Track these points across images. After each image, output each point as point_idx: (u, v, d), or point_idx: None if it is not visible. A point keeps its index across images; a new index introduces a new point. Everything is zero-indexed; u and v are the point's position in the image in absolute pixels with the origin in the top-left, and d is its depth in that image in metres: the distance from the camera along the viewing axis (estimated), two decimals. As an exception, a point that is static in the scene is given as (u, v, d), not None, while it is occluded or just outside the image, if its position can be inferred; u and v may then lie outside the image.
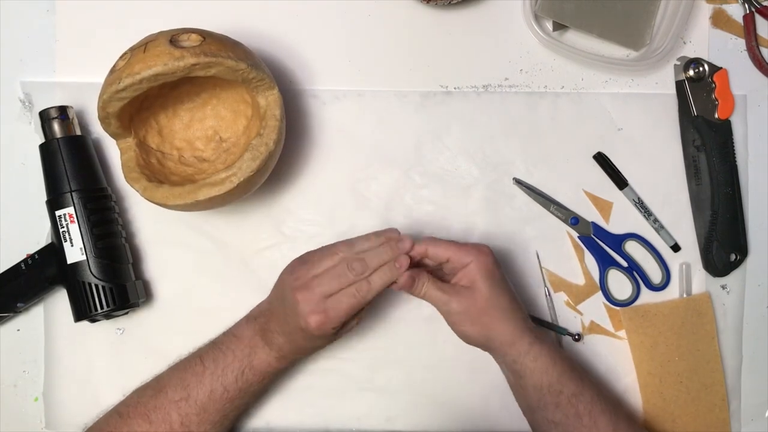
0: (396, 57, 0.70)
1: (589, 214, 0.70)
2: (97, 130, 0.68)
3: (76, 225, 0.63)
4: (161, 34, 0.58)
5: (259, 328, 0.61)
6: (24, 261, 0.65)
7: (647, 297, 0.70)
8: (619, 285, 0.70)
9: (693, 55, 0.71)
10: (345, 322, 0.57)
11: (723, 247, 0.70)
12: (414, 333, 0.69)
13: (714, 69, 0.70)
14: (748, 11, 0.71)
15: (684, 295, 0.70)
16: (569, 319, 0.70)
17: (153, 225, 0.68)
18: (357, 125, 0.70)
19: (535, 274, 0.70)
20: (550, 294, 0.69)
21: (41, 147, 0.65)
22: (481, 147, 0.70)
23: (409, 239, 0.58)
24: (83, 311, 0.63)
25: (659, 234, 0.70)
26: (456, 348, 0.68)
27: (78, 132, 0.65)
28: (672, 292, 0.70)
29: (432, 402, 0.68)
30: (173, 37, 0.57)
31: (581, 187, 0.70)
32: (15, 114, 0.68)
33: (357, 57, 0.70)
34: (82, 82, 0.68)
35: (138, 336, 0.68)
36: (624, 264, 0.70)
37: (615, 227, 0.70)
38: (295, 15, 0.70)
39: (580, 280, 0.70)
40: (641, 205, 0.70)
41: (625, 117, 0.71)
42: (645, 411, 0.69)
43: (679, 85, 0.71)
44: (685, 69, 0.70)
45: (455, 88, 0.70)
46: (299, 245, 0.69)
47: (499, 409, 0.68)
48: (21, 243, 0.67)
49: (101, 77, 0.60)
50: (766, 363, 0.71)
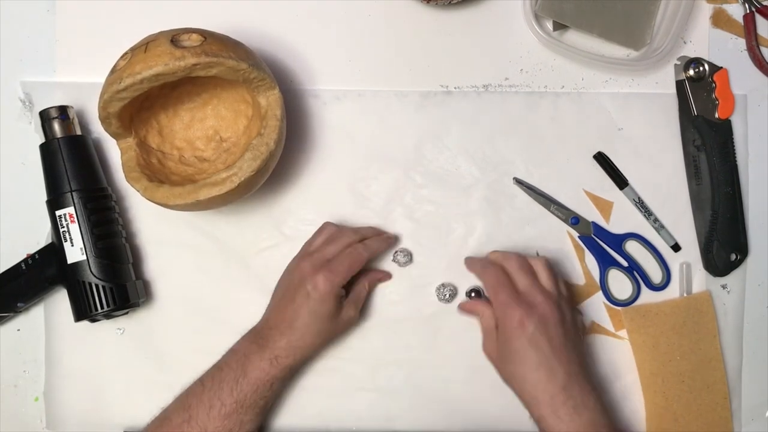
0: (396, 57, 0.70)
1: (590, 213, 0.70)
2: (98, 129, 0.68)
3: (76, 225, 0.63)
4: (162, 34, 0.58)
5: (255, 336, 0.62)
6: (24, 261, 0.65)
7: (648, 297, 0.70)
8: (620, 285, 0.70)
9: (693, 55, 0.71)
10: (351, 287, 0.62)
11: (723, 247, 0.70)
12: (414, 333, 0.69)
13: (714, 69, 0.70)
14: (748, 11, 0.71)
15: (684, 295, 0.70)
16: (570, 319, 0.70)
17: (153, 225, 0.68)
18: (357, 125, 0.70)
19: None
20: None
21: (41, 147, 0.65)
22: (482, 147, 0.70)
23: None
24: (83, 311, 0.63)
25: (659, 234, 0.70)
26: (456, 348, 0.68)
27: (78, 132, 0.65)
28: (672, 291, 0.70)
29: (432, 402, 0.68)
30: (174, 37, 0.57)
31: (581, 187, 0.70)
32: (15, 114, 0.69)
33: (357, 57, 0.70)
34: (82, 82, 0.68)
35: (138, 336, 0.68)
36: (624, 264, 0.70)
37: (615, 227, 0.70)
38: (296, 15, 0.70)
39: (580, 280, 0.70)
40: (641, 205, 0.70)
41: (626, 117, 0.71)
42: (647, 411, 0.69)
43: (680, 85, 0.71)
44: (686, 69, 0.70)
45: (455, 87, 0.70)
46: (299, 245, 0.68)
47: (499, 409, 0.68)
48: (21, 243, 0.67)
49: (101, 77, 0.60)
50: (766, 363, 0.71)
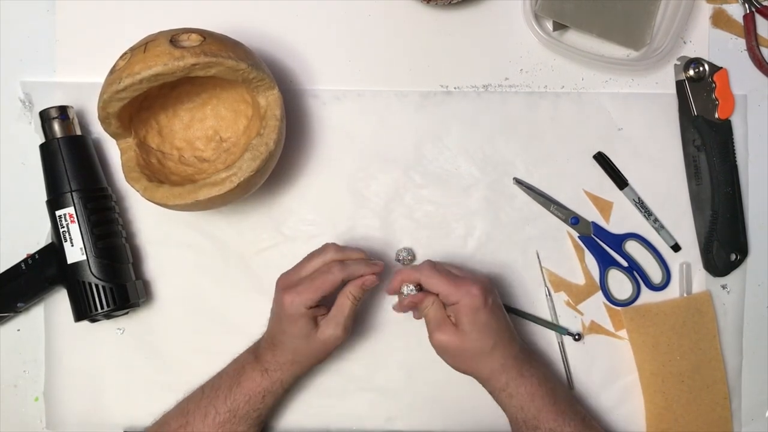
0: (396, 57, 0.70)
1: (590, 213, 0.70)
2: (98, 130, 0.68)
3: (76, 225, 0.63)
4: (161, 34, 0.58)
5: (254, 347, 0.64)
6: (24, 261, 0.65)
7: (647, 297, 0.70)
8: (620, 285, 0.70)
9: (693, 55, 0.71)
10: (319, 304, 0.59)
11: (723, 247, 0.70)
12: (414, 333, 0.69)
13: (714, 69, 0.70)
14: (748, 11, 0.71)
15: (684, 295, 0.70)
16: (570, 319, 0.70)
17: (153, 225, 0.69)
18: (357, 125, 0.70)
19: (536, 274, 0.70)
20: (550, 294, 0.69)
21: (41, 147, 0.65)
22: (481, 147, 0.70)
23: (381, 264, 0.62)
24: (83, 311, 0.63)
25: (659, 234, 0.70)
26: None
27: (78, 132, 0.65)
28: (672, 291, 0.70)
29: (432, 402, 0.68)
30: (173, 37, 0.57)
31: (581, 187, 0.70)
32: (15, 114, 0.69)
33: (357, 57, 0.70)
34: (82, 82, 0.68)
35: (138, 336, 0.68)
36: (624, 264, 0.70)
37: (615, 227, 0.70)
38: (296, 15, 0.70)
39: (580, 279, 0.70)
40: (641, 205, 0.70)
41: (626, 117, 0.71)
42: (647, 410, 0.69)
43: (680, 85, 0.71)
44: (686, 69, 0.70)
45: (455, 88, 0.70)
46: (299, 245, 0.69)
47: (499, 409, 0.68)
48: (21, 243, 0.67)
49: (101, 77, 0.60)
50: (766, 363, 0.71)
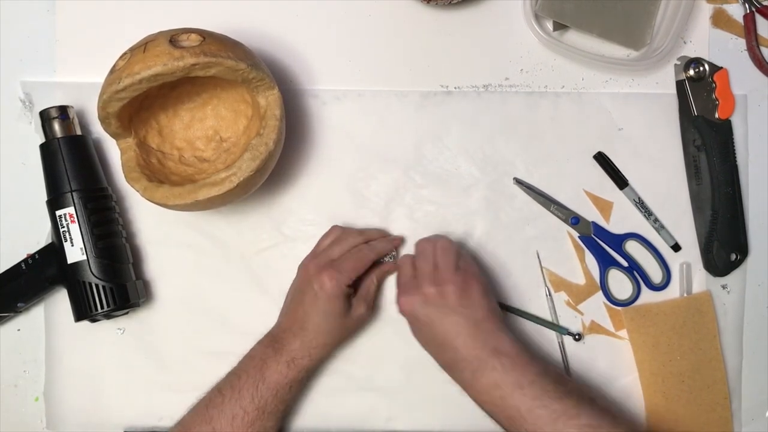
0: (396, 57, 0.70)
1: (590, 213, 0.70)
2: (98, 129, 0.68)
3: (76, 225, 0.63)
4: (161, 34, 0.58)
5: (270, 340, 0.63)
6: (24, 261, 0.65)
7: (647, 297, 0.70)
8: (620, 285, 0.70)
9: (693, 55, 0.71)
10: (357, 285, 0.63)
11: (723, 247, 0.70)
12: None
13: (714, 69, 0.70)
14: (748, 11, 0.71)
15: (684, 295, 0.70)
16: (570, 319, 0.70)
17: (153, 225, 0.69)
18: (357, 125, 0.70)
19: (536, 274, 0.70)
20: (550, 294, 0.69)
21: (42, 147, 0.65)
22: (482, 147, 0.70)
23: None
24: (83, 311, 0.63)
25: (659, 234, 0.70)
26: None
27: (78, 132, 0.65)
28: (672, 291, 0.70)
29: (432, 402, 0.68)
30: (173, 37, 0.57)
31: (581, 187, 0.70)
32: (15, 114, 0.69)
33: (357, 57, 0.70)
34: (82, 82, 0.68)
35: (138, 336, 0.68)
36: (624, 264, 0.70)
37: (615, 227, 0.70)
38: (296, 15, 0.70)
39: (580, 279, 0.70)
40: (641, 205, 0.70)
41: (626, 117, 0.71)
42: (647, 410, 0.69)
43: (680, 85, 0.71)
44: (686, 69, 0.70)
45: (455, 87, 0.70)
46: (299, 245, 0.69)
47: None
48: (21, 243, 0.67)
49: (101, 77, 0.60)
50: (766, 363, 0.71)
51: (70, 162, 0.64)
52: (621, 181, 0.70)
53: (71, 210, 0.63)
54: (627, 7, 0.69)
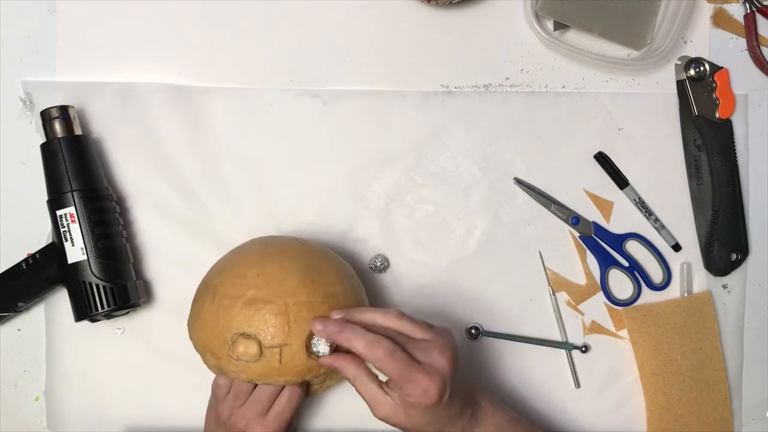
0: (396, 57, 0.70)
1: (590, 213, 0.70)
2: (98, 129, 0.68)
3: (77, 225, 0.63)
4: (292, 334, 0.53)
5: None
6: (25, 261, 0.65)
7: (648, 297, 0.70)
8: (620, 285, 0.70)
9: (694, 55, 0.71)
10: None
11: (724, 247, 0.70)
12: (414, 333, 0.69)
13: (715, 68, 0.70)
14: (748, 11, 0.71)
15: (685, 295, 0.70)
16: (570, 320, 0.70)
17: (153, 225, 0.68)
18: (357, 125, 0.70)
19: (536, 274, 0.70)
20: (554, 294, 0.69)
21: (42, 147, 0.65)
22: (482, 147, 0.70)
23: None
24: (84, 311, 0.63)
25: (660, 234, 0.70)
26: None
27: (79, 132, 0.65)
28: (673, 291, 0.70)
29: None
30: (308, 341, 0.54)
31: (582, 187, 0.70)
32: (16, 114, 0.68)
33: (357, 57, 0.70)
34: (82, 81, 0.68)
35: (138, 336, 0.68)
36: (625, 264, 0.70)
37: (616, 227, 0.70)
38: (296, 15, 0.70)
39: (581, 279, 0.70)
40: (642, 205, 0.70)
41: (626, 116, 0.71)
42: (648, 410, 0.68)
43: (680, 85, 0.71)
44: (686, 68, 0.70)
45: (456, 87, 0.70)
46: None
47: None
48: (22, 243, 0.67)
49: (101, 77, 0.60)
50: (766, 363, 0.71)
51: (70, 162, 0.64)
52: (621, 181, 0.70)
53: (72, 210, 0.63)
54: (627, 7, 0.69)
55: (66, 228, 0.63)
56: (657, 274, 0.70)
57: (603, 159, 0.70)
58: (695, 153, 0.70)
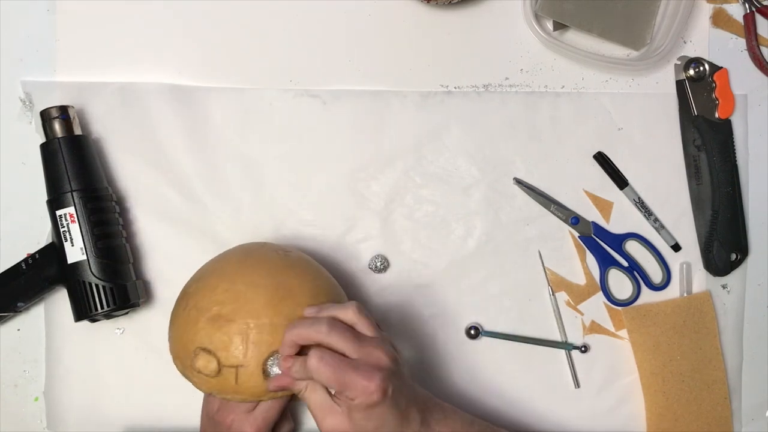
0: (396, 57, 0.70)
1: (590, 213, 0.70)
2: (98, 129, 0.68)
3: (76, 225, 0.63)
4: (249, 355, 0.53)
5: None
6: (24, 261, 0.65)
7: (648, 297, 0.70)
8: (620, 285, 0.70)
9: (693, 55, 0.71)
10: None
11: (723, 247, 0.70)
12: (414, 333, 0.69)
13: (714, 68, 0.70)
14: (748, 11, 0.71)
15: (684, 295, 0.70)
16: (570, 320, 0.70)
17: (153, 225, 0.68)
18: (357, 125, 0.70)
19: (536, 274, 0.70)
20: (554, 294, 0.69)
21: (42, 147, 0.65)
22: (482, 147, 0.70)
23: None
24: (83, 311, 0.63)
25: (660, 234, 0.70)
26: (456, 348, 0.68)
27: (79, 132, 0.65)
28: (672, 291, 0.70)
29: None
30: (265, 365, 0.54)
31: (581, 187, 0.70)
32: (15, 114, 0.68)
33: (357, 57, 0.70)
34: (82, 81, 0.68)
35: (138, 336, 0.68)
36: (624, 264, 0.70)
37: (615, 227, 0.70)
38: (296, 15, 0.70)
39: (581, 279, 0.70)
40: (641, 205, 0.70)
41: (626, 116, 0.71)
42: (647, 410, 0.69)
43: (680, 85, 0.71)
44: (686, 68, 0.70)
45: (455, 87, 0.70)
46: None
47: (497, 409, 0.68)
48: (21, 243, 0.67)
49: (101, 77, 0.60)
50: (766, 363, 0.71)
51: (70, 162, 0.64)
52: (621, 181, 0.70)
53: (71, 210, 0.63)
54: (627, 7, 0.69)
55: (66, 228, 0.63)
56: (656, 274, 0.70)
57: (602, 159, 0.70)
58: (695, 153, 0.70)
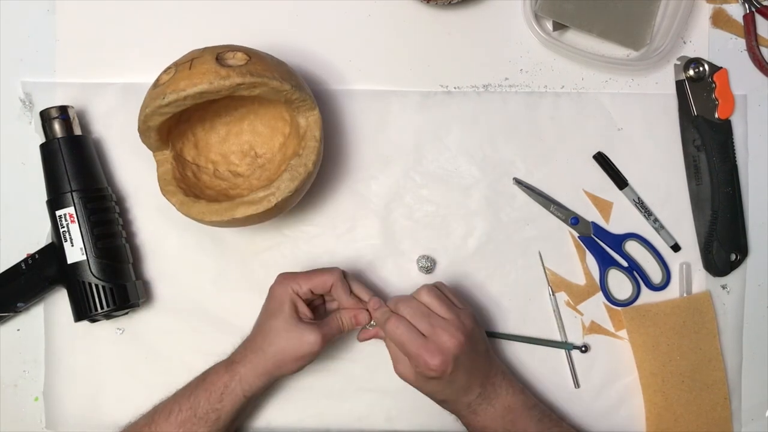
0: (396, 57, 0.70)
1: (589, 214, 0.70)
2: (98, 129, 0.68)
3: (76, 225, 0.63)
4: (206, 50, 0.57)
5: (230, 360, 0.62)
6: (24, 261, 0.65)
7: (647, 297, 0.70)
8: (620, 285, 0.70)
9: (693, 55, 0.71)
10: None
11: (723, 247, 0.70)
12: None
13: (714, 69, 0.70)
14: (748, 11, 0.71)
15: (684, 295, 0.70)
16: (570, 320, 0.70)
17: (153, 225, 0.68)
18: (357, 125, 0.70)
19: (536, 274, 0.70)
20: (554, 294, 0.69)
21: (42, 147, 0.65)
22: (482, 147, 0.70)
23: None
24: (83, 311, 0.63)
25: (659, 234, 0.70)
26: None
27: (78, 132, 0.65)
28: (672, 291, 0.70)
29: (432, 402, 0.68)
30: (219, 55, 0.56)
31: (581, 187, 0.70)
32: (15, 114, 0.69)
33: (357, 57, 0.70)
34: (82, 82, 0.68)
35: (138, 336, 0.68)
36: (624, 264, 0.70)
37: (615, 227, 0.70)
38: (295, 15, 0.70)
39: (580, 280, 0.70)
40: (641, 205, 0.70)
41: (625, 117, 0.71)
42: (647, 410, 0.69)
43: (679, 85, 0.71)
44: (685, 69, 0.70)
45: (455, 87, 0.70)
46: (300, 245, 0.69)
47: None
48: (21, 243, 0.67)
49: (101, 77, 0.60)
50: (766, 363, 0.71)
51: (70, 162, 0.64)
52: (621, 181, 0.70)
53: (71, 210, 0.63)
54: (627, 7, 0.69)
55: (65, 228, 0.63)
56: (656, 274, 0.70)
57: (602, 159, 0.70)
58: (694, 153, 0.70)
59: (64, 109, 0.64)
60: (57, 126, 0.64)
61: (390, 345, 0.61)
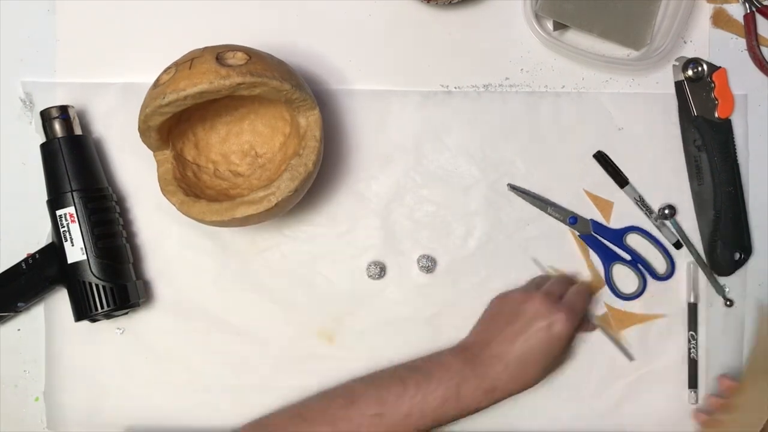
0: (396, 57, 0.70)
1: (590, 213, 0.70)
2: (98, 129, 0.68)
3: (76, 225, 0.63)
4: (207, 50, 0.57)
5: (470, 358, 0.61)
6: (24, 261, 0.65)
7: (654, 287, 0.70)
8: (625, 279, 0.70)
9: (694, 55, 0.71)
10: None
11: (727, 247, 0.70)
12: (414, 333, 0.69)
13: (713, 68, 0.70)
14: (748, 11, 0.71)
15: (692, 293, 0.70)
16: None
17: (153, 225, 0.68)
18: (357, 125, 0.70)
19: (535, 273, 0.70)
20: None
21: (42, 147, 0.65)
22: (482, 147, 0.70)
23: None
24: (84, 311, 0.63)
25: (661, 231, 0.70)
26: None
27: (79, 132, 0.65)
28: (678, 281, 0.70)
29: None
30: (219, 55, 0.56)
31: (582, 187, 0.70)
32: (15, 114, 0.69)
33: (357, 57, 0.70)
34: (82, 82, 0.68)
35: (138, 336, 0.68)
36: (627, 257, 0.70)
37: (616, 226, 0.70)
38: (295, 15, 0.70)
39: (586, 277, 0.70)
40: (642, 203, 0.70)
41: (626, 116, 0.71)
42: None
43: (678, 86, 0.71)
44: (684, 69, 0.70)
45: (456, 87, 0.70)
46: (300, 246, 0.69)
47: (498, 409, 0.68)
48: (21, 243, 0.67)
49: (102, 77, 0.60)
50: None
51: (70, 162, 0.64)
52: (621, 180, 0.70)
53: (71, 210, 0.63)
54: (627, 7, 0.69)
55: (66, 228, 0.63)
56: (660, 265, 0.70)
57: (602, 159, 0.70)
58: (696, 153, 0.70)
59: (64, 109, 0.64)
60: (57, 126, 0.64)
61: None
